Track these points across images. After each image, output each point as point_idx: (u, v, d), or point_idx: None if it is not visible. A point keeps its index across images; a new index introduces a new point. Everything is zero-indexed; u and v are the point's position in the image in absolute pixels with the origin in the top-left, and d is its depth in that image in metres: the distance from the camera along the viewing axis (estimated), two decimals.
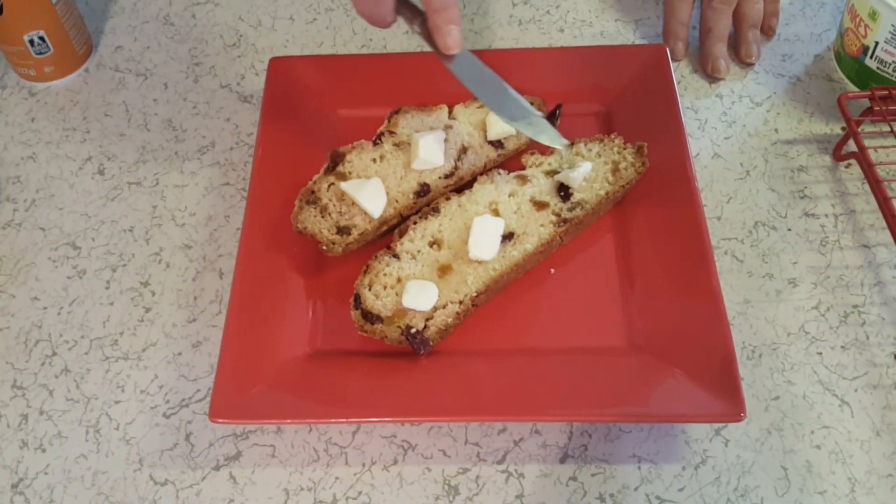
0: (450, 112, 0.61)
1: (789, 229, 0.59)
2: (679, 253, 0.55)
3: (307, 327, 0.54)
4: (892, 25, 0.60)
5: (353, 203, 0.56)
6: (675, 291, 0.54)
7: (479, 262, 0.54)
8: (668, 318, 0.53)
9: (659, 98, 0.61)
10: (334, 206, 0.56)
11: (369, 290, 0.53)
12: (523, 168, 0.59)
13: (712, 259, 0.53)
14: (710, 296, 0.52)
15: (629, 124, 0.61)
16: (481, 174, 0.58)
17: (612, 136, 0.60)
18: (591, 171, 0.58)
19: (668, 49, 0.63)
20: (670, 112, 0.60)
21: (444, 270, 0.54)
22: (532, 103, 0.62)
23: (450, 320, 0.52)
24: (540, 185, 0.58)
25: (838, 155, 0.62)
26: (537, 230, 0.55)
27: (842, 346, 0.54)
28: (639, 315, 0.54)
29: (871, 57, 0.63)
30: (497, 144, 0.60)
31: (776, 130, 0.65)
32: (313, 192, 0.56)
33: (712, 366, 0.49)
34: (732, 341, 0.50)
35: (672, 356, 0.51)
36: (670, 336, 0.52)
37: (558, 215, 0.56)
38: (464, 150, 0.59)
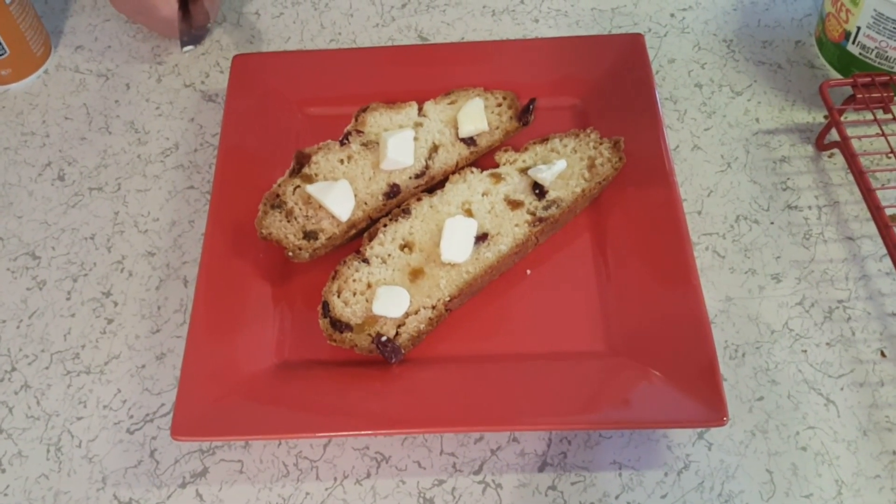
0: (419, 109, 0.59)
1: (772, 223, 0.58)
2: (658, 250, 0.53)
3: (274, 337, 0.52)
4: (875, 10, 0.58)
5: (320, 206, 0.54)
6: (654, 291, 0.52)
7: (452, 265, 0.52)
8: (647, 318, 0.51)
9: (636, 89, 0.59)
10: (300, 209, 0.54)
11: (338, 297, 0.51)
12: (497, 165, 0.57)
13: (692, 256, 0.52)
14: (690, 294, 0.50)
15: (605, 117, 0.60)
16: (453, 173, 0.56)
17: (588, 131, 0.58)
18: (567, 167, 0.56)
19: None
20: (648, 104, 0.58)
21: (415, 274, 0.52)
22: (505, 98, 0.60)
23: (422, 326, 0.51)
24: (514, 184, 0.56)
25: (821, 145, 0.61)
26: (512, 230, 0.54)
27: (827, 343, 0.53)
28: (617, 317, 0.52)
29: (853, 42, 0.61)
30: (469, 142, 0.58)
31: (757, 120, 0.63)
32: (278, 195, 0.54)
33: (693, 368, 0.48)
34: (714, 343, 0.48)
35: (652, 359, 0.49)
36: (650, 338, 0.50)
37: (533, 214, 0.54)
38: (435, 148, 0.57)
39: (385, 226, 0.54)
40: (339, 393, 0.49)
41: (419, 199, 0.55)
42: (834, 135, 0.59)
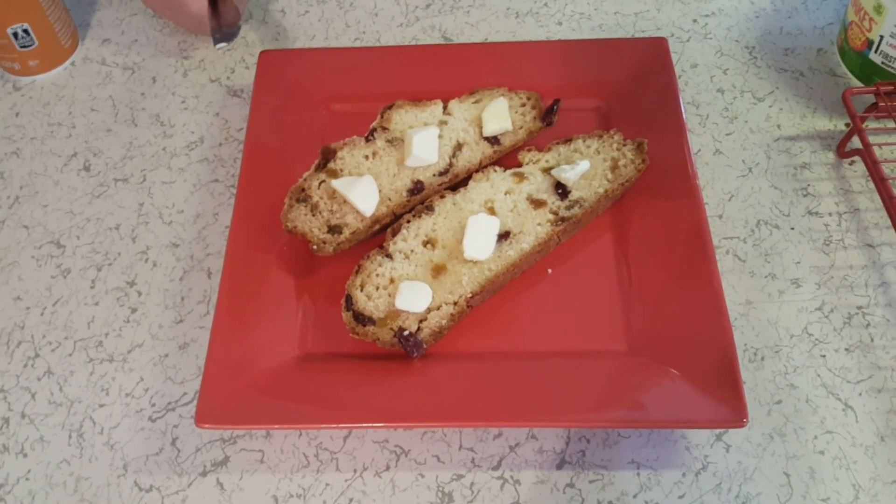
0: (444, 107, 0.60)
1: (792, 228, 0.58)
2: (680, 252, 0.53)
3: (297, 329, 0.53)
4: None
5: (345, 201, 0.54)
6: (675, 292, 0.52)
7: (475, 263, 0.53)
8: (668, 319, 0.51)
9: (659, 93, 0.60)
10: (325, 204, 0.55)
11: (361, 290, 0.52)
12: (520, 165, 0.58)
13: (714, 259, 0.52)
14: (711, 297, 0.50)
15: (629, 120, 0.60)
16: (477, 171, 0.57)
17: (612, 133, 0.58)
18: (590, 168, 0.56)
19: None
20: (671, 107, 0.59)
21: (438, 271, 0.53)
22: (529, 98, 0.61)
23: (444, 322, 0.51)
24: (537, 183, 0.56)
25: (842, 152, 0.61)
26: (534, 229, 0.54)
27: (846, 349, 0.53)
28: (638, 317, 0.52)
29: (875, 51, 0.62)
30: (493, 141, 0.58)
31: (779, 126, 0.63)
32: (304, 189, 0.55)
33: (713, 369, 0.48)
34: (734, 344, 0.48)
35: (672, 359, 0.50)
36: (670, 338, 0.51)
37: (556, 214, 0.55)
38: (459, 146, 0.58)
39: (408, 222, 0.54)
40: (360, 386, 0.50)
41: (442, 197, 0.55)
42: (855, 142, 0.60)
